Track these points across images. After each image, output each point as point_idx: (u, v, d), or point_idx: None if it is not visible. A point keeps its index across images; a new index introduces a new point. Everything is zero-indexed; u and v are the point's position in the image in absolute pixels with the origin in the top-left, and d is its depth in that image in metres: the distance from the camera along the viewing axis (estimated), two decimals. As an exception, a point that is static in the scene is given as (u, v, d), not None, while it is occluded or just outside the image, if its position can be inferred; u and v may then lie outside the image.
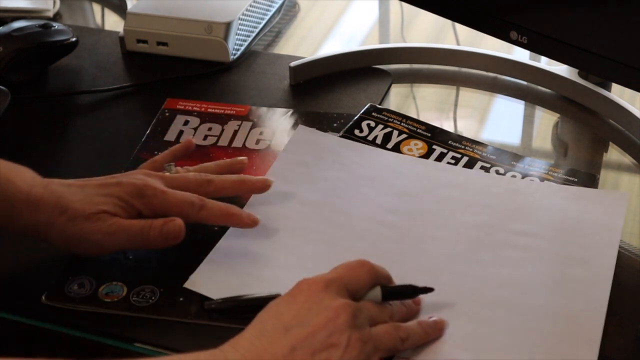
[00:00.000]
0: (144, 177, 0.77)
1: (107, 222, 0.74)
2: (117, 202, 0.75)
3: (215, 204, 0.77)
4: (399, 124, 0.94)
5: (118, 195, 0.75)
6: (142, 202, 0.75)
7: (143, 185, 0.76)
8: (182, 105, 0.99)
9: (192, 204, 0.76)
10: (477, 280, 0.75)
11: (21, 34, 1.03)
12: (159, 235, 0.74)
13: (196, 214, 0.76)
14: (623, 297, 0.75)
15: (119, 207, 0.75)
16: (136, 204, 0.75)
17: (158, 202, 0.76)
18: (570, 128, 0.99)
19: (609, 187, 0.88)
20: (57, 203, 0.74)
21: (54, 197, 0.74)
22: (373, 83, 1.03)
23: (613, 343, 0.71)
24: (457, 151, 0.90)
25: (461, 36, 1.14)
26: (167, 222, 0.75)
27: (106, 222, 0.74)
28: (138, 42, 1.09)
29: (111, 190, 0.75)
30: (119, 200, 0.75)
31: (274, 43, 1.15)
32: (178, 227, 0.75)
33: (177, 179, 0.79)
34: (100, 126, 0.99)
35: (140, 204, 0.75)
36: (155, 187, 0.76)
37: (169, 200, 0.76)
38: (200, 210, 0.76)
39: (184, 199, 0.76)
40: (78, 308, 0.74)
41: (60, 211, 0.74)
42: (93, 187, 0.76)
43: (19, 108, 0.98)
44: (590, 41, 0.86)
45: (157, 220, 0.75)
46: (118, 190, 0.75)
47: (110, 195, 0.75)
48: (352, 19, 1.23)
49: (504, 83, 1.03)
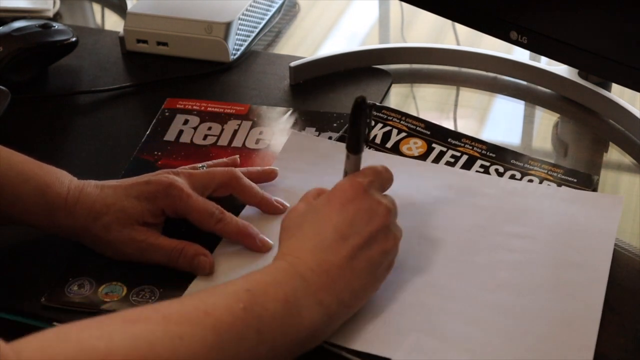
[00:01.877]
0: (173, 175, 0.78)
1: (137, 237, 0.76)
2: (145, 205, 0.76)
3: (234, 219, 0.78)
4: (398, 122, 0.93)
5: (146, 196, 0.77)
6: (166, 201, 0.77)
7: (169, 184, 0.77)
8: (181, 104, 0.99)
9: (211, 214, 0.77)
10: (473, 283, 0.75)
11: (21, 34, 1.03)
12: (187, 266, 0.76)
13: (213, 225, 0.77)
14: (623, 297, 0.75)
15: (147, 211, 0.76)
16: (160, 203, 0.77)
17: (181, 204, 0.77)
18: (570, 128, 0.99)
19: (609, 187, 0.88)
20: (92, 208, 0.76)
21: (89, 201, 0.76)
22: (373, 83, 1.03)
23: (613, 343, 0.71)
24: (457, 149, 0.90)
25: (461, 36, 1.14)
26: (198, 255, 0.76)
27: (137, 237, 0.76)
28: (138, 42, 1.09)
29: (140, 190, 0.77)
30: (146, 201, 0.76)
31: (274, 43, 1.15)
32: (209, 264, 0.76)
33: (207, 175, 0.80)
34: (100, 126, 0.99)
35: (164, 203, 0.77)
36: (181, 189, 0.77)
37: (191, 205, 0.77)
38: (217, 223, 0.77)
39: (205, 208, 0.77)
40: (78, 308, 0.74)
41: (94, 217, 0.76)
42: (124, 189, 0.77)
43: (19, 108, 0.98)
44: (590, 41, 0.86)
45: (189, 248, 0.76)
46: (146, 189, 0.77)
47: (139, 196, 0.76)
48: (352, 19, 1.23)
49: (504, 83, 1.03)
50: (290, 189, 0.85)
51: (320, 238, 0.68)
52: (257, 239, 0.78)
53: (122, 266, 0.77)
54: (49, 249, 0.79)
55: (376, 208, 0.70)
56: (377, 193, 0.71)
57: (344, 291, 0.67)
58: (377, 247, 0.69)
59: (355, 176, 0.71)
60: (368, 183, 0.71)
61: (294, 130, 0.94)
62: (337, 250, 0.68)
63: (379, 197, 0.71)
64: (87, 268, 0.78)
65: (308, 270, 0.66)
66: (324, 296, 0.66)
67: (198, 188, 0.79)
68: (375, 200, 0.70)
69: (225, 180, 0.80)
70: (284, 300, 0.64)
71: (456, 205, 0.83)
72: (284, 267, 0.67)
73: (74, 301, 0.75)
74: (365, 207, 0.69)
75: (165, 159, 0.92)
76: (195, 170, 0.81)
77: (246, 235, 0.78)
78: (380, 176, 0.73)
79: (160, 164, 0.91)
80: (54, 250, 0.79)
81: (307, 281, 0.66)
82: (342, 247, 0.68)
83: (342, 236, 0.68)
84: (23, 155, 0.78)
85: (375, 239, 0.69)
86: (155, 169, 0.90)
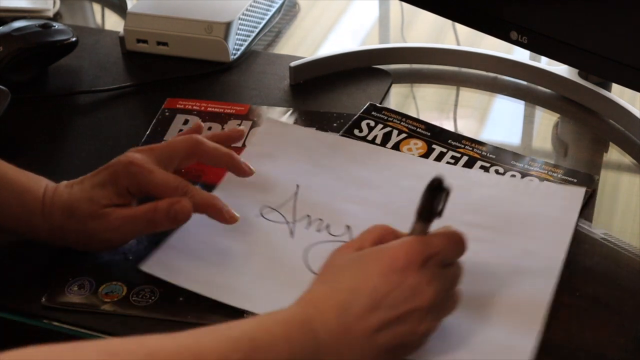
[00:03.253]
0: (133, 152, 0.77)
1: (111, 217, 0.75)
2: (110, 189, 0.75)
3: (199, 192, 0.77)
4: (398, 123, 0.94)
5: (109, 179, 0.76)
6: (128, 180, 0.76)
7: (129, 162, 0.76)
8: (182, 104, 0.99)
9: (175, 188, 0.76)
10: None
11: (21, 33, 1.03)
12: (166, 219, 0.75)
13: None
14: (623, 297, 0.75)
15: (113, 193, 0.75)
16: (123, 182, 0.76)
17: (143, 180, 0.75)
18: (570, 128, 0.99)
19: (609, 187, 0.88)
20: (65, 206, 0.76)
21: (61, 201, 0.76)
22: (373, 83, 1.03)
23: (613, 343, 0.71)
24: (457, 150, 0.90)
25: (461, 36, 1.14)
26: (173, 204, 0.75)
27: (110, 217, 0.75)
28: (138, 42, 1.09)
29: (102, 177, 0.76)
30: (110, 184, 0.76)
31: (274, 43, 1.15)
32: (187, 207, 0.75)
33: (167, 146, 0.79)
34: (100, 126, 0.99)
35: (126, 182, 0.76)
36: (141, 165, 0.76)
37: (153, 180, 0.75)
38: (183, 195, 0.76)
39: (168, 182, 0.76)
40: (78, 308, 0.74)
41: (68, 215, 0.75)
42: (89, 180, 0.77)
43: (19, 108, 0.98)
44: (590, 41, 0.86)
45: (162, 202, 0.75)
46: (108, 173, 0.76)
47: (103, 182, 0.76)
48: (352, 19, 1.23)
49: (504, 83, 1.03)
50: (260, 174, 0.85)
51: (352, 298, 0.62)
52: (223, 210, 0.77)
53: (122, 266, 0.77)
54: (49, 249, 0.79)
55: (422, 288, 0.63)
56: (434, 269, 0.64)
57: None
58: (406, 328, 0.63)
59: (417, 243, 0.64)
60: (427, 256, 0.64)
61: (270, 117, 0.95)
62: (364, 318, 0.62)
63: (433, 275, 0.64)
64: (87, 268, 0.78)
65: (325, 330, 0.61)
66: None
67: (161, 162, 0.77)
68: (426, 278, 0.63)
69: (188, 148, 0.79)
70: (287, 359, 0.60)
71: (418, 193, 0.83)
72: (300, 319, 0.61)
73: (74, 301, 0.75)
74: (411, 283, 0.63)
75: (165, 159, 0.91)
76: (156, 144, 0.80)
77: (212, 206, 0.77)
78: (448, 249, 0.66)
79: (160, 164, 0.91)
80: (54, 251, 0.79)
81: (320, 343, 0.61)
82: (370, 315, 0.62)
83: (374, 305, 0.62)
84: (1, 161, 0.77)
85: (408, 319, 0.63)
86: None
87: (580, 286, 0.76)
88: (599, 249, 0.80)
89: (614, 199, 0.87)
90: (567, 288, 0.76)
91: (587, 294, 0.75)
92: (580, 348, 0.71)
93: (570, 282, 0.76)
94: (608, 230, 0.82)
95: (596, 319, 0.73)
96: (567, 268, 0.78)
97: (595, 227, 0.82)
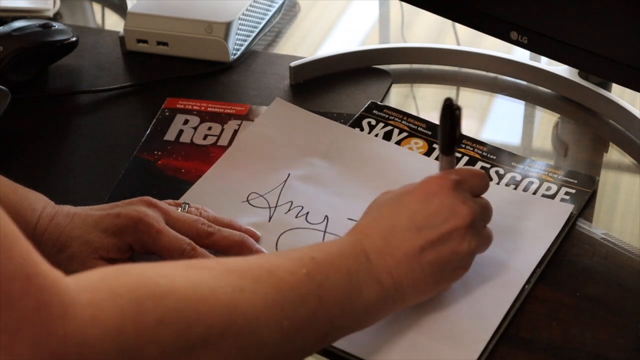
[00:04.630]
0: (145, 208, 0.75)
1: None
2: (112, 240, 0.74)
3: (203, 251, 0.75)
4: (399, 122, 0.94)
5: (114, 230, 0.74)
6: (134, 236, 0.74)
7: (139, 219, 0.74)
8: (182, 104, 0.99)
9: (182, 252, 0.74)
10: None
11: (21, 33, 1.03)
12: None
13: None
14: (623, 297, 0.75)
15: (114, 245, 0.74)
16: (128, 238, 0.74)
17: (150, 240, 0.74)
18: (570, 128, 0.99)
19: (609, 187, 0.88)
20: (58, 239, 0.74)
21: (56, 232, 0.74)
22: (373, 83, 1.03)
23: (613, 343, 0.71)
24: (458, 150, 0.90)
25: (461, 36, 1.14)
26: None
27: None
28: (138, 42, 1.09)
29: (109, 223, 0.74)
30: (114, 236, 0.74)
31: (274, 43, 1.15)
32: None
33: (179, 220, 0.76)
34: (100, 126, 0.99)
35: (131, 238, 0.74)
36: (150, 224, 0.74)
37: (161, 243, 0.74)
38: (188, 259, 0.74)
39: (176, 245, 0.74)
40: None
41: (59, 249, 0.74)
42: (93, 220, 0.75)
43: (19, 108, 0.98)
44: (590, 41, 0.86)
45: None
46: (115, 222, 0.74)
47: (107, 230, 0.74)
48: (352, 19, 1.23)
49: (504, 83, 1.03)
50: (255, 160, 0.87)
51: (394, 222, 0.68)
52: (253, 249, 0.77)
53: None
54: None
55: (458, 207, 0.68)
56: (465, 193, 0.70)
57: (404, 279, 0.67)
58: (450, 247, 0.68)
59: (446, 172, 0.71)
60: (457, 181, 0.69)
61: (279, 98, 0.96)
62: (408, 238, 0.67)
63: (466, 197, 0.70)
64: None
65: (374, 249, 0.66)
66: (385, 278, 0.66)
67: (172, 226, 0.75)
68: (460, 199, 0.69)
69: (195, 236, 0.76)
70: (347, 273, 0.64)
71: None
72: (351, 242, 0.67)
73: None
74: (447, 203, 0.68)
75: (165, 159, 0.92)
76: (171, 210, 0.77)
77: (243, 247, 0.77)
78: (474, 179, 0.72)
79: (160, 164, 0.91)
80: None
81: (371, 260, 0.66)
82: (413, 236, 0.67)
83: (416, 226, 0.68)
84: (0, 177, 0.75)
85: (450, 238, 0.68)
86: (155, 169, 0.90)
87: (580, 286, 0.76)
88: (599, 249, 0.80)
89: (614, 199, 0.87)
90: (567, 288, 0.76)
91: (587, 294, 0.75)
92: (580, 348, 0.71)
93: (570, 282, 0.76)
94: (608, 230, 0.82)
95: (596, 319, 0.73)
96: (567, 268, 0.78)
97: (595, 227, 0.82)
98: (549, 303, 0.75)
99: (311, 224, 0.81)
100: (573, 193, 0.84)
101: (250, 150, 0.89)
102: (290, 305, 0.60)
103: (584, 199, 0.84)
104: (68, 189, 0.90)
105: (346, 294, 0.64)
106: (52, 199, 0.77)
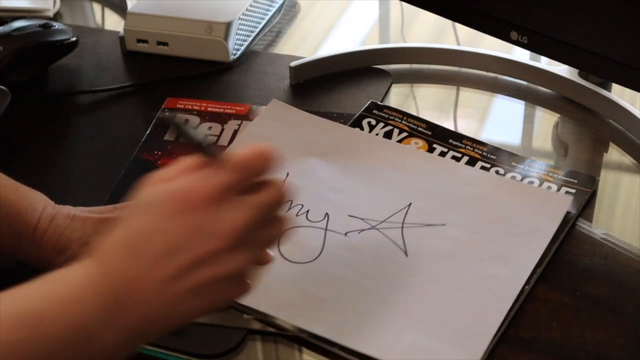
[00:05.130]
0: None
1: None
2: None
3: None
4: (399, 122, 0.94)
5: None
6: None
7: None
8: (182, 104, 0.99)
9: None
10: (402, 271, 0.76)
11: (21, 33, 1.03)
12: None
13: None
14: (623, 297, 0.75)
15: None
16: None
17: None
18: (570, 128, 0.99)
19: (609, 187, 0.88)
20: (58, 241, 0.74)
21: (56, 233, 0.74)
22: (373, 83, 1.03)
23: (613, 343, 0.71)
24: (458, 150, 0.90)
25: (461, 36, 1.14)
26: None
27: None
28: (138, 42, 1.09)
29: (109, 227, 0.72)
30: None
31: (274, 43, 1.15)
32: None
33: None
34: (100, 126, 0.99)
35: None
36: None
37: None
38: None
39: None
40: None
41: (58, 251, 0.74)
42: (93, 223, 0.74)
43: (19, 108, 0.98)
44: (590, 41, 0.86)
45: None
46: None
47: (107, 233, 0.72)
48: (352, 19, 1.23)
49: (504, 83, 1.03)
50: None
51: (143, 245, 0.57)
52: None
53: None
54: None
55: (214, 226, 0.57)
56: (231, 200, 0.58)
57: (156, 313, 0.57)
58: (209, 272, 0.57)
59: (206, 178, 0.58)
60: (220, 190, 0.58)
61: (275, 99, 0.96)
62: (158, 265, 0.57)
63: (229, 208, 0.58)
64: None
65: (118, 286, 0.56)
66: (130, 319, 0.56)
67: None
68: (218, 215, 0.57)
69: None
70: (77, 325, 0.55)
71: (406, 188, 0.83)
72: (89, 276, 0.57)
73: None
74: (200, 222, 0.57)
75: (165, 159, 0.92)
76: None
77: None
78: (247, 172, 0.60)
79: (160, 164, 0.91)
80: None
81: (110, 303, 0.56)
82: (163, 263, 0.57)
83: (166, 251, 0.57)
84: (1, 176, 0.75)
85: (204, 263, 0.57)
86: (155, 169, 0.90)
87: (580, 286, 0.76)
88: (599, 249, 0.80)
89: (614, 199, 0.87)
90: (567, 288, 0.76)
91: (587, 294, 0.75)
92: (580, 348, 0.71)
93: (570, 282, 0.76)
94: (608, 230, 0.82)
95: (596, 319, 0.73)
96: (567, 268, 0.78)
97: (595, 227, 0.82)
98: (549, 303, 0.75)
99: (312, 222, 0.81)
100: (573, 193, 0.84)
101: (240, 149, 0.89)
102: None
103: (584, 199, 0.84)
104: (68, 189, 0.90)
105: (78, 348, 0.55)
106: (52, 199, 0.77)
